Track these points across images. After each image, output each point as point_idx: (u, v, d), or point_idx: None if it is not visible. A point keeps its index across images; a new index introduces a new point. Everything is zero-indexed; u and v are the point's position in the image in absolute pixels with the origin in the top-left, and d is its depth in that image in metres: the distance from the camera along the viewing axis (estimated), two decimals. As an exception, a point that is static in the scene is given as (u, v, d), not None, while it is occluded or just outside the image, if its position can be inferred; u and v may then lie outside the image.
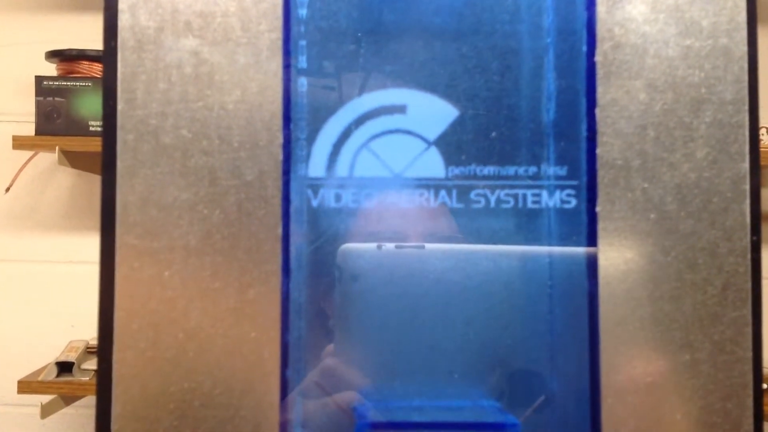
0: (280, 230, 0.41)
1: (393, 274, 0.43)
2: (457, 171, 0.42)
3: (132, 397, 0.42)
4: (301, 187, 0.43)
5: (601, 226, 0.42)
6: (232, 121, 0.43)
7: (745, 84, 0.44)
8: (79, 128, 1.35)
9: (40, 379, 1.34)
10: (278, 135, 0.42)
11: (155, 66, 0.43)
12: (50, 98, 1.34)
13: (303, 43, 0.44)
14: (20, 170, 1.47)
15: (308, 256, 0.44)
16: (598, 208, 0.42)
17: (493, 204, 0.42)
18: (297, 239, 0.43)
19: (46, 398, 1.38)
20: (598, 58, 0.43)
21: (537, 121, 0.44)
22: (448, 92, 0.42)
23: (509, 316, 0.44)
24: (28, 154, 1.46)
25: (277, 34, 0.43)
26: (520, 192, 0.43)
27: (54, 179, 1.56)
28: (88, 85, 1.35)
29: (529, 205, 0.43)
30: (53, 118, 1.34)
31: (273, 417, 0.41)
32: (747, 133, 0.44)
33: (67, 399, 1.42)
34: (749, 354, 0.43)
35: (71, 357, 1.37)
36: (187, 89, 0.43)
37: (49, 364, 1.39)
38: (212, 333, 0.42)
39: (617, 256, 0.42)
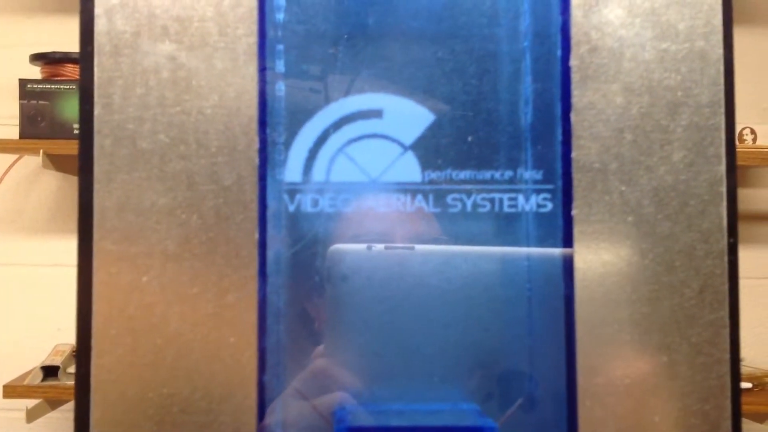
0: (257, 235, 0.41)
1: (383, 275, 0.43)
2: (433, 175, 0.42)
3: (111, 402, 0.42)
4: (278, 192, 0.43)
5: (577, 229, 0.42)
6: (210, 126, 0.43)
7: (722, 87, 0.44)
8: (63, 131, 1.34)
9: (25, 383, 1.33)
10: (256, 139, 0.42)
11: (132, 71, 0.43)
12: (34, 101, 1.33)
13: (280, 47, 0.44)
14: (4, 174, 1.46)
15: (286, 260, 0.44)
16: (573, 212, 0.42)
17: (469, 208, 0.42)
18: (275, 244, 0.43)
19: (31, 402, 1.37)
20: (574, 62, 0.43)
21: (513, 125, 0.44)
22: (425, 96, 0.42)
23: (495, 317, 0.44)
24: (12, 157, 1.45)
25: (255, 39, 0.43)
26: (496, 196, 0.43)
27: (39, 182, 1.55)
28: (72, 88, 1.34)
29: (506, 209, 0.43)
30: (37, 121, 1.33)
31: (251, 422, 0.41)
32: (723, 135, 0.44)
33: (53, 403, 1.42)
34: (727, 356, 0.43)
35: (56, 361, 1.37)
36: (165, 94, 0.43)
37: (34, 368, 1.38)
38: (191, 338, 0.42)
39: (594, 259, 0.43)
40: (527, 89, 0.45)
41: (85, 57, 0.43)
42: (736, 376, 0.44)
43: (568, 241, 0.41)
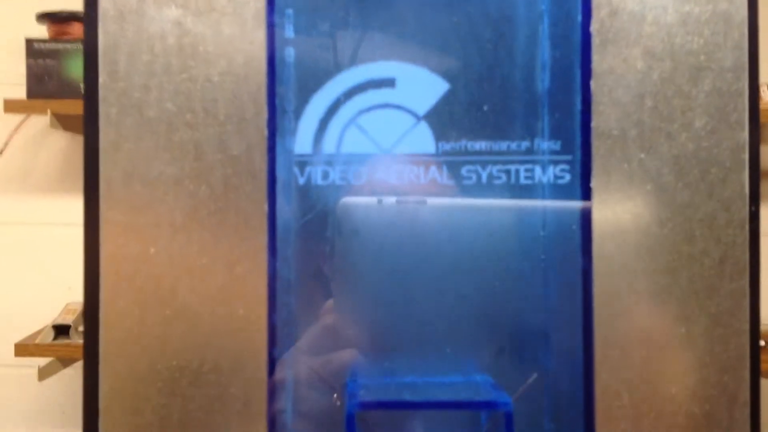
0: (266, 206, 0.40)
1: (394, 229, 0.42)
2: (447, 147, 0.41)
3: (119, 375, 0.41)
4: (288, 163, 0.42)
5: (596, 198, 0.41)
6: (218, 94, 0.41)
7: (745, 50, 0.43)
8: (71, 91, 1.33)
9: (37, 342, 1.34)
10: (265, 108, 0.41)
11: (138, 37, 0.42)
12: (41, 60, 1.32)
13: (290, 11, 0.42)
14: (12, 134, 1.45)
15: (296, 230, 0.43)
16: (592, 183, 0.40)
17: (485, 180, 0.41)
18: (284, 215, 0.42)
19: (43, 360, 1.38)
20: (594, 25, 0.42)
21: (530, 93, 0.43)
22: (439, 64, 0.41)
23: (508, 272, 0.43)
24: (20, 117, 1.44)
25: (263, 3, 0.41)
26: (512, 168, 0.41)
27: (47, 141, 1.54)
28: (80, 47, 1.33)
29: (522, 180, 0.41)
30: (45, 80, 1.32)
31: (261, 395, 0.41)
32: (746, 101, 0.42)
33: (65, 361, 1.42)
34: (746, 326, 0.42)
35: (68, 320, 1.37)
36: (171, 61, 0.42)
37: (45, 326, 1.38)
38: (200, 310, 0.41)
39: (613, 230, 0.42)
40: (545, 55, 0.43)
41: (89, 22, 0.42)
42: (755, 346, 0.43)
43: (586, 213, 0.40)
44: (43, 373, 1.35)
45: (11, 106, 1.34)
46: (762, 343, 1.35)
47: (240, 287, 0.41)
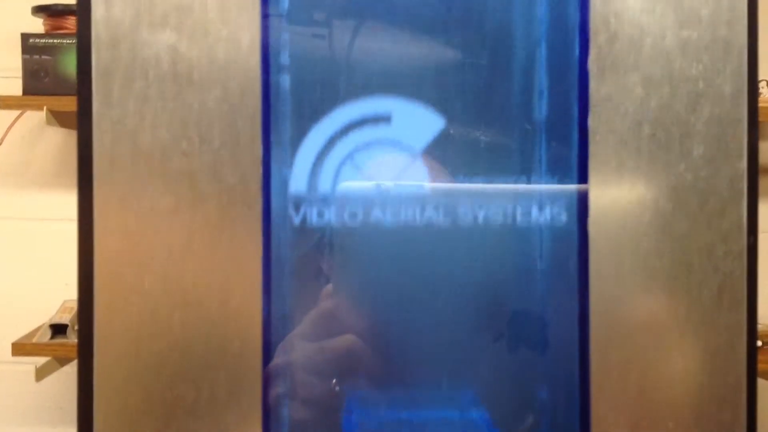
0: (261, 238, 0.40)
1: (392, 214, 0.42)
2: (444, 183, 0.41)
3: (114, 403, 0.41)
4: (282, 193, 0.41)
5: (592, 229, 0.41)
6: (214, 121, 0.41)
7: (745, 77, 0.42)
8: (66, 87, 1.32)
9: (34, 341, 1.33)
10: (260, 136, 0.41)
11: (132, 63, 0.41)
12: (37, 56, 1.31)
13: (286, 36, 0.42)
14: (8, 129, 1.45)
15: (292, 264, 0.43)
16: (590, 226, 0.40)
17: (481, 217, 0.41)
18: (280, 252, 0.41)
19: (40, 360, 1.37)
20: (593, 51, 0.41)
21: (527, 130, 0.42)
22: (434, 99, 0.40)
23: (506, 256, 0.43)
24: (15, 112, 1.43)
25: (257, 28, 0.41)
26: (509, 205, 0.41)
27: (44, 136, 1.53)
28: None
29: (519, 217, 0.41)
30: (40, 76, 1.31)
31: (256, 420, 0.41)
32: (745, 128, 0.42)
33: (62, 360, 1.42)
34: (744, 358, 0.42)
35: (65, 319, 1.37)
36: (165, 87, 0.41)
37: (43, 325, 1.38)
38: (194, 336, 0.41)
39: (610, 265, 0.41)
40: (542, 85, 0.43)
41: (82, 48, 0.41)
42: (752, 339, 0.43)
43: (583, 253, 0.40)
44: (41, 373, 1.35)
45: (7, 102, 1.33)
46: (759, 343, 1.35)
47: (235, 317, 0.41)
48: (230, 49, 0.41)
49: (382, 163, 0.41)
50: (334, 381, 0.43)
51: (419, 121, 0.40)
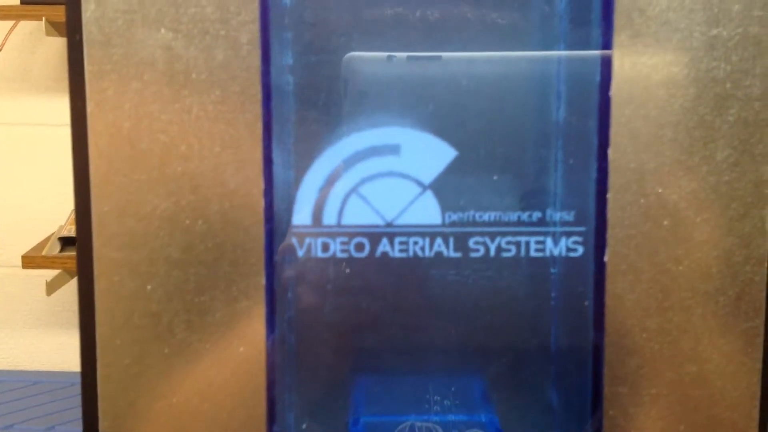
0: (264, 241, 0.39)
1: (405, 89, 0.40)
2: (454, 217, 0.39)
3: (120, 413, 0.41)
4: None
5: (610, 233, 0.39)
6: (213, 125, 0.39)
7: (775, 76, 0.40)
8: (64, -2, 1.27)
9: (43, 254, 1.33)
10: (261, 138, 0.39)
11: (126, 62, 0.39)
12: (33, -34, 1.26)
13: (288, 35, 0.39)
14: (6, 36, 1.41)
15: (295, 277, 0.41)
16: (606, 258, 0.38)
17: (493, 253, 0.39)
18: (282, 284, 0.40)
19: (50, 274, 1.38)
20: (615, 51, 0.39)
21: (542, 160, 0.40)
22: (445, 129, 0.38)
23: (528, 125, 0.41)
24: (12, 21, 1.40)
25: (257, 25, 0.39)
26: (522, 239, 0.39)
27: (44, 42, 1.50)
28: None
29: (532, 253, 0.39)
30: (38, -13, 1.27)
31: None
32: (773, 130, 0.40)
33: (73, 273, 1.43)
34: (759, 365, 0.41)
35: (73, 231, 1.36)
36: (162, 89, 0.39)
37: (52, 235, 1.38)
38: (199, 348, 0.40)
39: (627, 273, 0.40)
40: (560, 115, 0.40)
41: (74, 47, 0.39)
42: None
43: (599, 287, 0.38)
44: (51, 287, 1.36)
45: (5, 12, 1.29)
46: None
47: (240, 325, 0.40)
48: (229, 48, 0.39)
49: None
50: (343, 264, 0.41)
51: (429, 153, 0.38)
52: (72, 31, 0.39)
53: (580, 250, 0.40)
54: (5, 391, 1.33)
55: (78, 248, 0.40)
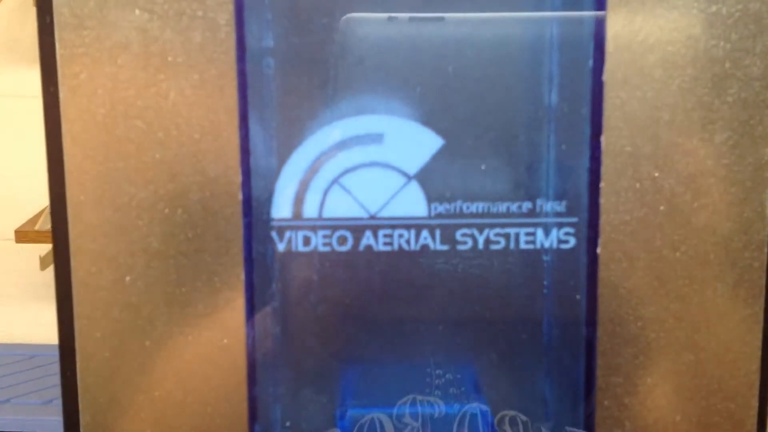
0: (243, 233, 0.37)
1: (406, 52, 0.38)
2: (441, 208, 0.37)
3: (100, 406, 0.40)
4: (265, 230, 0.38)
5: (603, 218, 0.38)
6: (192, 110, 0.38)
7: (776, 55, 0.38)
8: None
9: (36, 228, 1.32)
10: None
11: (99, 45, 0.37)
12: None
13: (269, 16, 0.38)
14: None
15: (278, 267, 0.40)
16: (599, 249, 0.37)
17: (481, 245, 0.37)
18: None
19: (44, 249, 1.36)
20: (609, 32, 0.37)
21: (533, 151, 0.38)
22: (431, 117, 0.36)
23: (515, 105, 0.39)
24: (3, -3, 1.37)
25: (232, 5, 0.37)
26: (512, 231, 0.38)
27: (33, 13, 1.47)
28: None
29: (522, 245, 0.38)
30: (24, -40, 1.24)
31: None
32: (774, 111, 0.39)
33: (67, 246, 1.41)
34: (758, 353, 0.40)
35: (67, 204, 1.35)
36: (137, 73, 0.38)
37: (44, 209, 1.37)
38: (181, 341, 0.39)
39: (622, 261, 0.39)
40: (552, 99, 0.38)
41: (44, 30, 0.38)
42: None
43: (592, 279, 0.37)
44: (45, 262, 1.35)
45: (-8, -16, 1.27)
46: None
47: (222, 317, 0.39)
48: (206, 30, 0.37)
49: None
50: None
51: (414, 142, 0.36)
52: (42, 12, 0.38)
53: (572, 241, 0.38)
54: (2, 365, 1.33)
55: (54, 239, 0.39)
